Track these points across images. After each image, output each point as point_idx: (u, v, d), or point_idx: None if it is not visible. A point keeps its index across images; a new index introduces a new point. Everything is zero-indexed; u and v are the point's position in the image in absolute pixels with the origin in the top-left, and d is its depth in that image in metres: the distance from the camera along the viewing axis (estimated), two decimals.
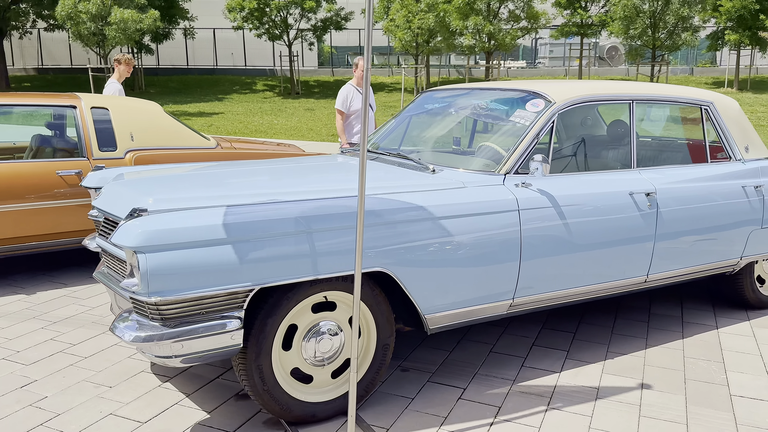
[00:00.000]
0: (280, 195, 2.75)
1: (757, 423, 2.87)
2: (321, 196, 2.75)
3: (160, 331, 2.40)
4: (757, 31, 22.23)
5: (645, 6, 16.04)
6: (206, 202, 2.64)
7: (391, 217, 2.78)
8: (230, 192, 2.79)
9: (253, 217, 2.53)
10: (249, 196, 2.71)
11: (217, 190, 2.85)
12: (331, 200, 2.72)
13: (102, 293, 4.55)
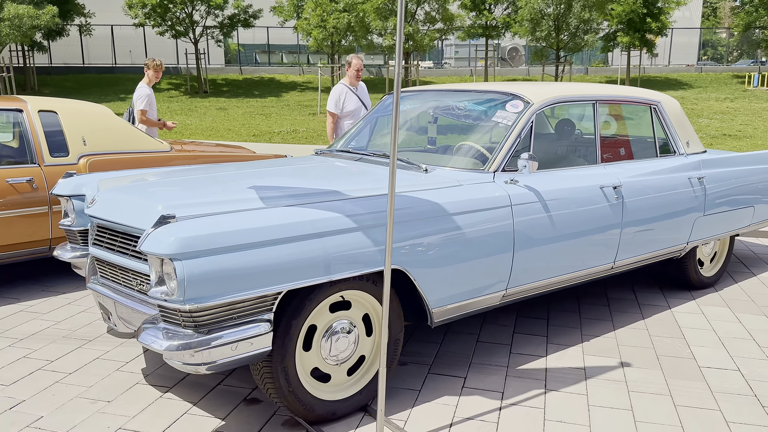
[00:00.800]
0: (300, 198, 2.78)
1: (729, 390, 3.21)
2: (341, 198, 2.81)
3: (195, 339, 2.37)
4: (645, 34, 24.02)
5: (549, 9, 16.94)
6: (231, 206, 2.63)
7: (402, 216, 2.87)
8: (248, 195, 2.78)
9: (282, 219, 2.54)
10: (269, 200, 2.71)
11: (233, 194, 2.83)
12: (353, 201, 2.78)
13: (63, 306, 4.33)
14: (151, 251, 2.33)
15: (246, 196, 2.85)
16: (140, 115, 6.60)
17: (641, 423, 2.88)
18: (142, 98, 6.60)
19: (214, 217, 2.49)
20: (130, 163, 4.84)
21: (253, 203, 2.70)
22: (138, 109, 6.61)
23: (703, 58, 45.22)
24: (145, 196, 2.94)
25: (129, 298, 2.85)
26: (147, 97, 6.63)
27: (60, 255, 3.66)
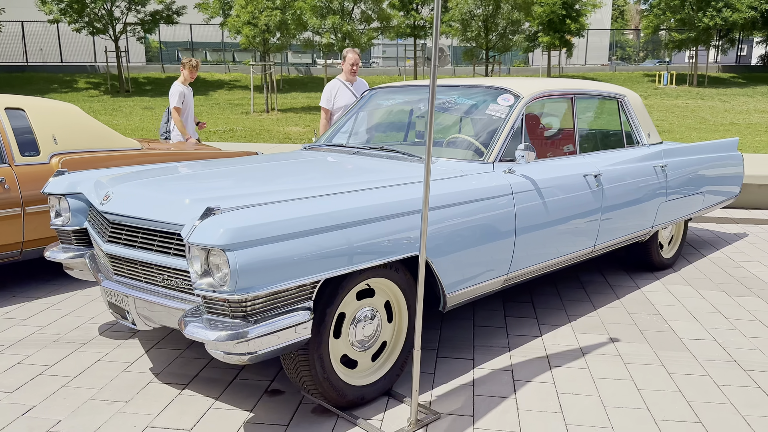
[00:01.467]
0: (325, 189, 2.84)
1: (711, 357, 3.51)
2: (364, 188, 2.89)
3: (244, 328, 2.39)
4: (564, 35, 25.11)
5: (479, 11, 17.45)
6: (262, 198, 2.65)
7: (405, 208, 2.95)
8: (271, 188, 2.81)
9: (322, 209, 2.60)
10: (305, 190, 2.77)
11: (255, 187, 2.85)
12: (381, 191, 2.87)
13: (42, 311, 4.16)
14: (201, 243, 2.33)
15: (268, 188, 2.89)
16: (174, 113, 6.63)
17: (644, 390, 3.11)
18: (174, 95, 6.63)
19: (258, 207, 2.51)
20: (104, 161, 4.70)
21: (281, 195, 2.73)
22: (172, 106, 6.63)
23: (612, 58, 47.71)
24: (170, 190, 2.92)
25: (152, 294, 2.81)
26: (179, 94, 6.63)
27: (52, 256, 3.54)
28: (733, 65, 32.69)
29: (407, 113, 4.52)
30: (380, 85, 4.64)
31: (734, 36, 29.26)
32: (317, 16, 13.97)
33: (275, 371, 3.30)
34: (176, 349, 3.59)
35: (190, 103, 6.81)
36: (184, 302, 2.70)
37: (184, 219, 2.59)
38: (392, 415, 2.88)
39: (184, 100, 6.69)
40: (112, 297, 3.03)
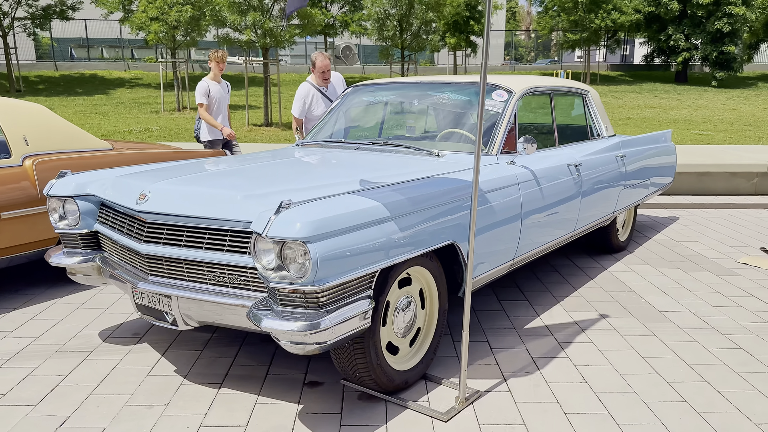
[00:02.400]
0: (375, 180, 2.94)
1: (692, 326, 3.91)
2: (410, 179, 3.02)
3: (319, 319, 2.44)
4: (469, 35, 26.03)
5: (393, 11, 17.78)
6: (324, 191, 2.72)
7: (451, 195, 3.13)
8: (323, 182, 2.87)
9: (383, 199, 2.69)
10: (349, 184, 2.84)
11: (306, 181, 2.90)
12: (424, 183, 3.00)
13: (27, 322, 3.95)
14: (280, 236, 2.36)
15: (313, 183, 2.95)
16: (200, 109, 6.45)
17: (648, 358, 3.44)
18: (198, 92, 6.43)
19: (327, 200, 2.57)
20: (77, 163, 4.49)
21: (333, 188, 2.80)
22: (197, 102, 6.47)
23: (506, 58, 49.87)
24: (215, 187, 2.90)
25: (199, 292, 2.79)
26: (203, 91, 6.40)
27: (57, 261, 3.39)
28: (619, 64, 35.17)
29: (393, 109, 4.65)
30: (362, 83, 4.74)
31: (620, 37, 31.48)
32: (237, 12, 13.70)
33: (303, 364, 3.34)
34: (193, 350, 3.54)
35: (220, 99, 6.51)
36: (238, 298, 2.71)
37: (245, 215, 2.61)
38: (435, 396, 3.02)
39: (209, 96, 6.42)
40: (146, 299, 2.97)
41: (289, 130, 15.07)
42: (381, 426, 2.77)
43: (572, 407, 2.93)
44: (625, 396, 3.03)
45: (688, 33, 27.43)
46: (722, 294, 4.47)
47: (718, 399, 3.00)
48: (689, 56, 27.58)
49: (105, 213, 3.29)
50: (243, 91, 24.41)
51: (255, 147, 9.27)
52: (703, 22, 26.78)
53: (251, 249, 2.53)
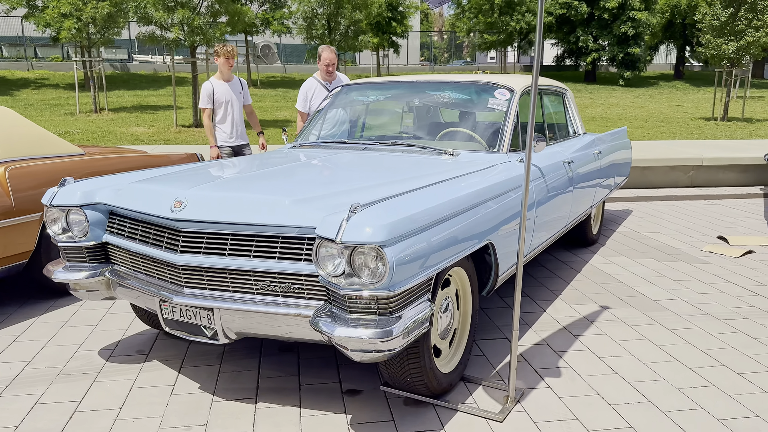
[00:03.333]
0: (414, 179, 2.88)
1: (689, 312, 4.10)
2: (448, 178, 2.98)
3: (392, 325, 2.37)
4: (391, 36, 26.22)
5: (320, 10, 17.63)
6: (375, 192, 2.64)
7: (485, 195, 3.13)
8: (368, 183, 2.79)
9: (440, 199, 2.65)
10: (395, 184, 2.78)
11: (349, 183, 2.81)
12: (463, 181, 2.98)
13: (9, 345, 3.60)
14: (355, 241, 2.26)
15: (358, 184, 2.88)
16: (203, 115, 5.73)
17: (663, 346, 3.57)
18: (201, 94, 5.69)
19: (392, 202, 2.50)
20: (54, 169, 4.15)
21: (385, 190, 2.73)
22: (200, 105, 5.76)
23: (421, 59, 50.66)
24: (262, 191, 2.75)
25: (245, 303, 2.64)
26: (206, 92, 5.63)
27: (63, 277, 3.11)
28: (531, 65, 36.49)
29: (388, 109, 4.59)
30: (351, 82, 4.66)
31: (532, 38, 32.66)
32: (163, 9, 13.11)
33: (333, 372, 3.24)
34: (210, 365, 3.35)
35: (228, 102, 5.69)
36: (291, 307, 2.58)
37: (300, 220, 2.50)
38: (478, 396, 3.00)
39: (214, 98, 5.62)
40: (179, 313, 2.77)
41: None
42: (438, 430, 2.72)
43: (614, 398, 2.99)
44: (657, 384, 3.13)
45: (596, 35, 28.86)
46: (702, 281, 4.72)
47: (742, 381, 3.16)
48: (597, 57, 29.02)
49: (118, 223, 3.05)
50: (168, 91, 23.54)
51: (194, 149, 8.90)
52: (610, 25, 28.26)
53: (314, 255, 2.42)
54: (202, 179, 3.00)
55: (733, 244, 5.72)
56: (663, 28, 30.70)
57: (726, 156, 8.66)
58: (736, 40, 16.99)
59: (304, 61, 23.66)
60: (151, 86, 24.98)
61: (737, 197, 8.10)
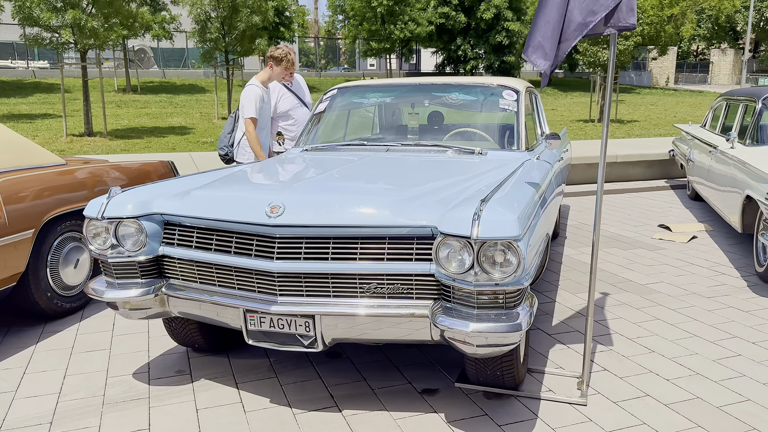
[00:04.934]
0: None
1: (678, 293, 4.48)
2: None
3: (521, 319, 2.42)
4: (279, 41, 25.85)
5: (214, 14, 17.05)
6: (468, 188, 2.70)
7: (554, 191, 3.28)
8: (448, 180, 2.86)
9: (540, 192, 2.73)
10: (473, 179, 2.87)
11: (431, 182, 2.85)
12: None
13: (23, 377, 3.22)
14: (492, 237, 2.30)
15: (440, 183, 2.89)
16: (249, 126, 4.66)
17: (678, 324, 3.89)
18: (250, 101, 4.63)
19: (509, 197, 2.55)
20: (45, 181, 3.75)
21: (477, 186, 2.78)
22: (247, 116, 4.66)
23: (299, 64, 50.43)
24: (361, 192, 2.70)
25: (352, 307, 2.56)
26: (256, 100, 4.64)
27: (114, 295, 2.85)
28: (414, 72, 37.59)
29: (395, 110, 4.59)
30: (346, 84, 4.60)
31: (412, 46, 33.68)
32: (49, 9, 12.06)
33: (396, 374, 3.21)
34: (263, 378, 3.20)
35: (268, 113, 4.94)
36: (402, 308, 2.55)
37: (411, 219, 2.49)
38: (549, 384, 3.12)
39: (261, 106, 4.77)
40: (269, 323, 2.64)
41: (118, 139, 13.67)
42: (533, 419, 2.80)
43: (667, 373, 3.23)
44: (694, 358, 3.42)
45: (473, 44, 30.32)
46: (671, 265, 5.17)
47: (759, 349, 3.53)
48: (476, 64, 30.50)
49: (181, 233, 2.83)
50: (39, 98, 21.63)
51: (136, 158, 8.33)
52: (486, 34, 29.83)
53: (434, 254, 2.42)
54: (287, 183, 2.88)
55: (676, 231, 6.30)
56: None
57: (635, 153, 9.49)
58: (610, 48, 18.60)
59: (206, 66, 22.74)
60: (17, 94, 22.91)
61: (649, 190, 8.89)
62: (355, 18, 29.82)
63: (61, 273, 3.94)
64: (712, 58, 47.95)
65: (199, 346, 3.41)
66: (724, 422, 2.78)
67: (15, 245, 3.52)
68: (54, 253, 3.90)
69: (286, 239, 2.58)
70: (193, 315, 2.90)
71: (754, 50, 47.93)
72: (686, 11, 25.02)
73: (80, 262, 4.10)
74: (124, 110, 20.26)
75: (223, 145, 5.06)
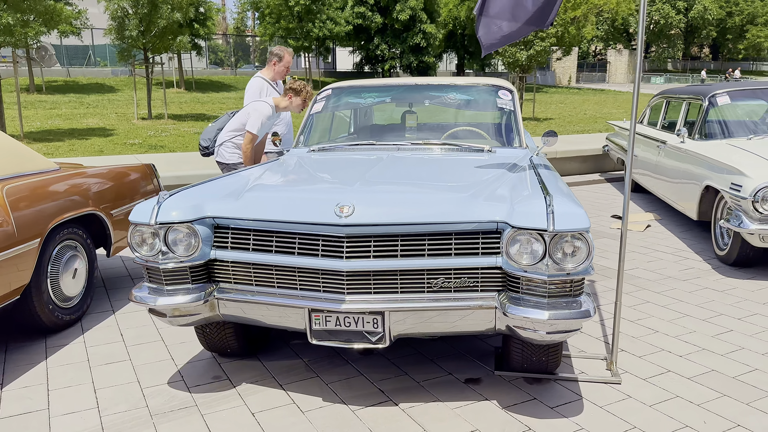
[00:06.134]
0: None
1: (656, 277, 4.83)
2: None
3: (587, 305, 2.58)
4: (194, 39, 25.11)
5: (131, 10, 16.30)
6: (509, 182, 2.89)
7: None
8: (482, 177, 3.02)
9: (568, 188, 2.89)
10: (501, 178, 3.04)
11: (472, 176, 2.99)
12: None
13: (54, 392, 3.05)
14: (570, 228, 2.45)
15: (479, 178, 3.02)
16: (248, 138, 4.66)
17: (669, 305, 4.21)
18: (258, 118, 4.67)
19: (563, 192, 2.71)
20: (48, 187, 3.55)
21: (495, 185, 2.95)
22: (253, 130, 4.66)
23: (208, 63, 49.03)
24: (430, 189, 2.76)
25: (421, 301, 2.64)
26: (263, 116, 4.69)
27: (166, 302, 2.76)
28: (332, 71, 37.55)
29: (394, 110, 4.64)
30: (339, 84, 4.61)
31: (329, 45, 33.65)
32: None
33: (431, 365, 3.31)
34: (307, 378, 3.20)
35: (268, 130, 4.94)
36: (469, 300, 2.65)
37: (479, 215, 2.60)
38: (580, 367, 3.32)
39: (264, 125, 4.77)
40: (335, 322, 2.66)
41: (36, 143, 12.84)
42: (579, 399, 2.98)
43: (678, 350, 3.51)
44: (695, 335, 3.72)
45: (391, 43, 30.69)
46: (638, 252, 5.56)
47: (752, 326, 3.89)
48: (394, 64, 30.90)
49: (235, 236, 2.78)
50: None
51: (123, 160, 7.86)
52: (403, 35, 30.28)
53: (504, 248, 2.54)
54: (345, 182, 2.90)
55: (631, 221, 6.75)
56: (445, 39, 33.67)
57: (572, 148, 10.02)
58: (527, 50, 19.39)
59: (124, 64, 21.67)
60: None
61: (588, 183, 9.43)
62: (271, 16, 29.41)
63: (61, 284, 3.74)
64: (609, 58, 51.03)
65: (231, 350, 3.36)
66: (743, 390, 3.07)
67: (22, 256, 3.32)
68: (53, 263, 3.69)
69: (354, 238, 2.61)
70: (244, 318, 2.86)
71: (646, 51, 51.44)
72: (588, 14, 26.48)
73: (78, 271, 3.90)
74: (33, 111, 19.05)
75: (207, 138, 5.08)
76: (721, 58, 63.83)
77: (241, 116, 4.86)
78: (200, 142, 5.07)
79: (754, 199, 4.49)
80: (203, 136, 5.07)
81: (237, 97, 26.13)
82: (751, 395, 3.02)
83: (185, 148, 12.55)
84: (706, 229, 6.13)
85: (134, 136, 14.37)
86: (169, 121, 17.97)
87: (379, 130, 4.45)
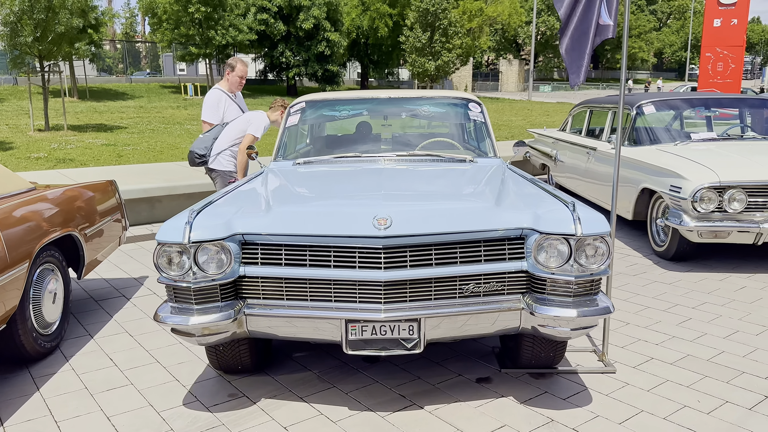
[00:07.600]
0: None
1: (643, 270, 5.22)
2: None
3: (605, 302, 2.81)
4: (82, 46, 23.85)
5: (26, 16, 15.22)
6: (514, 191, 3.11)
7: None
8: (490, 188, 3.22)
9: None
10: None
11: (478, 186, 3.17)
12: None
13: (65, 422, 2.90)
14: (595, 232, 2.67)
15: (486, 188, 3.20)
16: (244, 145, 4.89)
17: (628, 298, 4.57)
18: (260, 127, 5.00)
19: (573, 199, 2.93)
20: (32, 208, 3.36)
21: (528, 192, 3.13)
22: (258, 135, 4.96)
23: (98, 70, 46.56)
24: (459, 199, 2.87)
25: (453, 307, 2.77)
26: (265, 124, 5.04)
27: (198, 321, 2.72)
28: None
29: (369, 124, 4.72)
30: (313, 97, 4.64)
31: (230, 52, 33.02)
32: None
33: (439, 369, 3.45)
34: (323, 390, 3.24)
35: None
36: (498, 303, 2.82)
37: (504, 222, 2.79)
38: (575, 360, 3.57)
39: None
40: (371, 331, 2.74)
41: None
42: (585, 390, 3.22)
43: (652, 339, 3.85)
44: (661, 324, 4.09)
45: (295, 51, 30.57)
46: None
47: (736, 311, 4.32)
48: (299, 72, 30.78)
49: (265, 252, 2.78)
50: None
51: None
52: (307, 43, 30.25)
53: (533, 252, 2.73)
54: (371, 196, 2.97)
55: None
56: (348, 47, 33.99)
57: None
58: (435, 60, 20.03)
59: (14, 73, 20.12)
60: None
61: None
62: (168, 22, 28.48)
63: (42, 309, 3.54)
64: (501, 68, 53.46)
65: (242, 367, 3.32)
66: (720, 371, 3.43)
67: (13, 281, 3.13)
68: (35, 287, 3.49)
69: (392, 249, 2.70)
70: (272, 334, 2.87)
71: (534, 61, 54.37)
72: (482, 25, 27.66)
73: (57, 295, 3.70)
74: None
75: (204, 147, 5.11)
76: (601, 67, 68.64)
77: (240, 124, 5.04)
78: (195, 150, 5.12)
79: (693, 199, 4.98)
80: (199, 145, 5.13)
81: (135, 105, 25.08)
82: (727, 375, 3.38)
83: (97, 161, 11.97)
84: (638, 227, 6.66)
85: (36, 150, 13.50)
86: (69, 132, 16.99)
87: (354, 141, 4.52)
